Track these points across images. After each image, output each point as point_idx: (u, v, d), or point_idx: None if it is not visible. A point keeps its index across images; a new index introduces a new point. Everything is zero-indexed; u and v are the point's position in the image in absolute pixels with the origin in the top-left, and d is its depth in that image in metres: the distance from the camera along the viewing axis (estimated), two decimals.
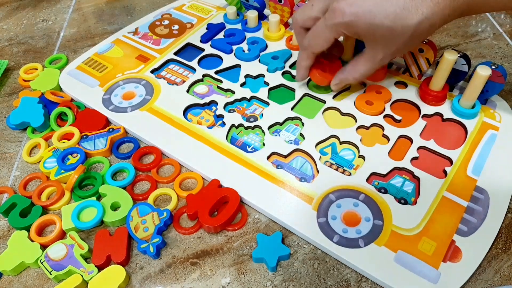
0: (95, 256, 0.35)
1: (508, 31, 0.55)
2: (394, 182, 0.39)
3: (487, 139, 0.41)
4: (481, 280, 0.33)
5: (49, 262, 0.34)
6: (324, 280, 0.33)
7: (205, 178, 0.40)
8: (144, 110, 0.46)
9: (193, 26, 0.57)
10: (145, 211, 0.37)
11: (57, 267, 0.34)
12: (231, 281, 0.34)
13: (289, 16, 0.54)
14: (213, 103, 0.47)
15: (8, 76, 0.54)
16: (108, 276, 0.33)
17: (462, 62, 0.43)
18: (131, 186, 0.40)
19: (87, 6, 0.65)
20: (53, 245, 0.35)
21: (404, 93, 0.46)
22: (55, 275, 0.33)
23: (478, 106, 0.43)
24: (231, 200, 0.37)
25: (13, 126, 0.46)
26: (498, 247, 0.35)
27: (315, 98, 0.46)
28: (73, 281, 0.33)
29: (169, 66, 0.52)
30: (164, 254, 0.36)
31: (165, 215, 0.36)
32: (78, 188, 0.40)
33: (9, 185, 0.42)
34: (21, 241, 0.36)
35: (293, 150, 0.41)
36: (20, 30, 0.61)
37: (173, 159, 0.42)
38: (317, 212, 0.36)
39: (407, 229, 0.35)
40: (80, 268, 0.34)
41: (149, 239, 0.35)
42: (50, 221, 0.38)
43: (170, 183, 0.41)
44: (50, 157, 0.43)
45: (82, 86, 0.49)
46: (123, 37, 0.56)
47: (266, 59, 0.50)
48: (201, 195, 0.37)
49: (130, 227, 0.36)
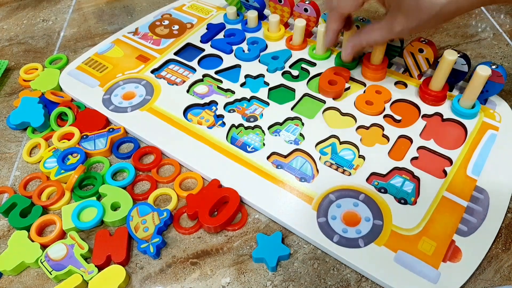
0: (95, 256, 0.35)
1: (508, 31, 0.55)
2: (394, 182, 0.39)
3: (487, 139, 0.41)
4: (481, 280, 0.33)
5: (49, 262, 0.34)
6: (324, 280, 0.33)
7: (205, 178, 0.40)
8: (144, 110, 0.46)
9: (193, 26, 0.57)
10: (145, 211, 0.37)
11: (57, 267, 0.34)
12: (231, 281, 0.34)
13: (289, 16, 0.54)
14: (213, 103, 0.47)
15: (8, 76, 0.54)
16: (108, 276, 0.33)
17: (462, 62, 0.43)
18: (131, 186, 0.40)
19: (87, 6, 0.66)
20: (53, 245, 0.35)
21: (404, 93, 0.46)
22: (55, 275, 0.34)
23: (478, 106, 0.43)
24: (231, 200, 0.37)
25: (13, 126, 0.46)
26: (498, 247, 0.35)
27: (315, 98, 0.46)
28: (73, 281, 0.33)
29: (169, 66, 0.52)
30: (164, 254, 0.36)
31: (165, 215, 0.36)
32: (78, 188, 0.40)
33: (9, 185, 0.42)
34: (21, 241, 0.36)
35: (293, 150, 0.41)
36: (20, 30, 0.61)
37: (173, 159, 0.42)
38: (317, 212, 0.36)
39: (407, 229, 0.35)
40: (80, 268, 0.34)
41: (149, 239, 0.35)
42: (50, 221, 0.38)
43: (170, 183, 0.41)
44: (50, 157, 0.43)
45: (82, 86, 0.49)
46: (123, 37, 0.56)
47: (266, 59, 0.50)
48: (201, 195, 0.38)
49: (130, 227, 0.36)
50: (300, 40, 0.51)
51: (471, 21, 0.57)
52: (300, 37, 0.51)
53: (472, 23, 0.57)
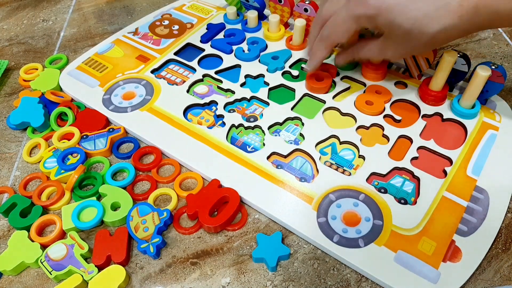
0: (95, 256, 0.35)
1: (508, 31, 0.55)
2: (394, 182, 0.39)
3: (487, 139, 0.41)
4: (481, 280, 0.33)
5: (49, 262, 0.34)
6: (324, 280, 0.33)
7: (205, 178, 0.40)
8: (144, 110, 0.46)
9: (193, 26, 0.57)
10: (145, 211, 0.37)
11: (57, 267, 0.34)
12: (231, 281, 0.34)
13: (289, 16, 0.54)
14: (213, 103, 0.47)
15: (8, 76, 0.54)
16: (108, 276, 0.33)
17: (462, 62, 0.43)
18: (131, 186, 0.40)
19: (87, 6, 0.66)
20: (53, 245, 0.35)
21: (404, 93, 0.46)
22: (55, 275, 0.34)
23: (478, 106, 0.43)
24: (231, 200, 0.37)
25: (13, 126, 0.46)
26: (498, 247, 0.35)
27: (315, 98, 0.46)
28: (73, 281, 0.33)
29: (169, 66, 0.52)
30: (164, 254, 0.36)
31: (165, 215, 0.36)
32: (78, 188, 0.40)
33: (9, 185, 0.42)
34: (21, 241, 0.36)
35: (293, 150, 0.41)
36: (20, 30, 0.61)
37: (173, 159, 0.42)
38: (317, 212, 0.36)
39: (407, 229, 0.35)
40: (80, 268, 0.34)
41: (149, 239, 0.35)
42: (50, 221, 0.38)
43: (170, 183, 0.41)
44: (50, 157, 0.43)
45: (82, 86, 0.49)
46: (123, 37, 0.56)
47: (266, 59, 0.50)
48: (201, 195, 0.38)
49: (130, 227, 0.36)
50: (300, 40, 0.51)
51: None
52: (300, 37, 0.51)
53: None
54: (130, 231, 0.36)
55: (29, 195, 0.40)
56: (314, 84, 0.46)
